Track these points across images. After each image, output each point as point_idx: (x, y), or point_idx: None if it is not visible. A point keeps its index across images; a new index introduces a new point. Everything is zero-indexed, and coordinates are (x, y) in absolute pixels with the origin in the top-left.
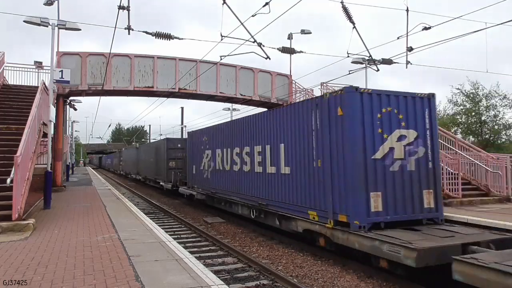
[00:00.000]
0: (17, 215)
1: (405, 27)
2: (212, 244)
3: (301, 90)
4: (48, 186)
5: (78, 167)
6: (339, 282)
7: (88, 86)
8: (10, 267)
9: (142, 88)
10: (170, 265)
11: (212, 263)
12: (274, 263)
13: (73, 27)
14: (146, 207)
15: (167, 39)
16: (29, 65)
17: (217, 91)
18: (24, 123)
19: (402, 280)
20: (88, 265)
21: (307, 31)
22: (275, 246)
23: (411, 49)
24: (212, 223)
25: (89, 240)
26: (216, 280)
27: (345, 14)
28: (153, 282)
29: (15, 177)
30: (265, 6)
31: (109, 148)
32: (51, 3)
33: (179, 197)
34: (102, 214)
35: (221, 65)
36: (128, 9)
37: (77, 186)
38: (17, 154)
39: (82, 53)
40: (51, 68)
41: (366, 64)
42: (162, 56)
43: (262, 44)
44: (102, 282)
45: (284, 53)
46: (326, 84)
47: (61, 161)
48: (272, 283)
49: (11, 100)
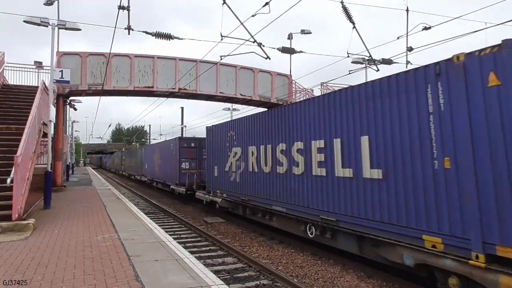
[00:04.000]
0: (17, 215)
1: (405, 27)
2: (212, 244)
3: (301, 90)
4: (48, 186)
5: (78, 167)
6: (339, 282)
7: (88, 86)
8: (10, 267)
9: (142, 88)
10: (170, 265)
11: (212, 263)
12: (274, 263)
13: (73, 27)
14: (146, 207)
15: (167, 39)
16: (29, 65)
17: (217, 91)
18: (24, 123)
19: (402, 280)
20: (88, 265)
21: (307, 31)
22: (275, 246)
23: (411, 49)
24: (212, 223)
25: (89, 240)
26: (216, 280)
27: (345, 14)
28: (153, 282)
29: (15, 177)
30: (265, 6)
31: (109, 148)
32: (51, 3)
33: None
34: (102, 214)
35: (221, 65)
36: (128, 9)
37: (77, 186)
38: (17, 154)
39: (82, 53)
40: (51, 68)
41: (366, 64)
42: (162, 56)
43: (262, 44)
44: (102, 282)
45: (284, 53)
46: (326, 84)
47: (61, 161)
48: (272, 283)
49: (11, 100)
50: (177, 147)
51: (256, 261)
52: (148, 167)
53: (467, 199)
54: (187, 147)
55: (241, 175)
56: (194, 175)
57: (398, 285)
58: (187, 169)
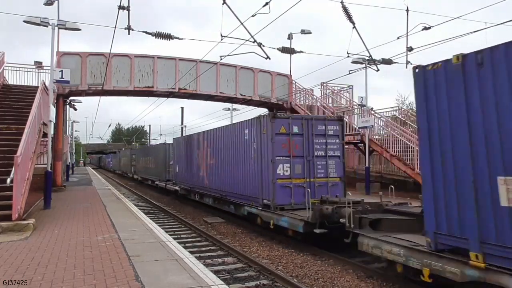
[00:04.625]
0: (17, 215)
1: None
2: (212, 244)
3: (301, 90)
4: (48, 186)
5: (78, 167)
6: (339, 282)
7: (88, 86)
8: (10, 267)
9: (142, 88)
10: (170, 265)
11: (212, 263)
12: (274, 263)
13: (73, 27)
14: (146, 207)
15: (167, 39)
16: (29, 65)
17: (217, 91)
18: (24, 123)
19: (402, 280)
20: (88, 265)
21: (307, 31)
22: (275, 246)
23: (411, 49)
24: (212, 223)
25: (89, 240)
26: (216, 280)
27: (345, 14)
28: (153, 282)
29: (15, 177)
30: (265, 6)
31: (109, 148)
32: (51, 3)
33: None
34: (102, 214)
35: (221, 65)
36: (128, 9)
37: (77, 186)
38: (17, 154)
39: (82, 53)
40: (51, 68)
41: (366, 64)
42: (162, 56)
43: (262, 44)
44: (102, 282)
45: (284, 53)
46: (326, 84)
47: (61, 161)
48: (272, 283)
49: (11, 100)
50: (270, 132)
51: (256, 261)
52: (183, 169)
53: None
54: (285, 133)
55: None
56: (304, 191)
57: (398, 285)
58: (286, 177)
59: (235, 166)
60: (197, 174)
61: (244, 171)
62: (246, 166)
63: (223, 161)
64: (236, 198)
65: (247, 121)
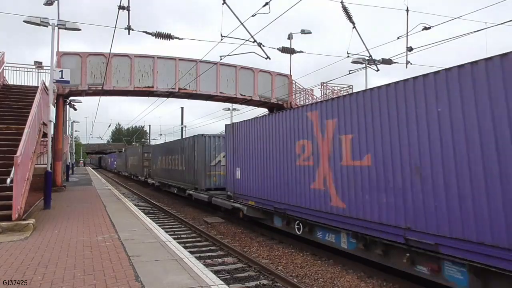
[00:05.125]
0: (17, 215)
1: (405, 27)
2: (212, 244)
3: (301, 90)
4: (48, 186)
5: (78, 167)
6: (339, 282)
7: (88, 86)
8: (10, 267)
9: (142, 88)
10: (170, 265)
11: (212, 263)
12: (274, 263)
13: (73, 27)
14: (146, 207)
15: (167, 39)
16: (29, 65)
17: (217, 91)
18: (24, 123)
19: (402, 280)
20: (88, 265)
21: (307, 31)
22: (275, 246)
23: (411, 49)
24: (212, 223)
25: (89, 240)
26: (216, 280)
27: (345, 14)
28: (153, 282)
29: (15, 177)
30: (265, 6)
31: (109, 148)
32: (51, 3)
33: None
34: (102, 214)
35: (221, 65)
36: (128, 9)
37: (77, 186)
38: (17, 154)
39: (82, 53)
40: (51, 68)
41: (366, 64)
42: (162, 56)
43: (262, 44)
44: (102, 282)
45: (284, 53)
46: (326, 84)
47: (61, 161)
48: (272, 283)
49: (11, 100)
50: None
51: (256, 261)
52: (253, 176)
53: None
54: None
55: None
56: None
57: (398, 285)
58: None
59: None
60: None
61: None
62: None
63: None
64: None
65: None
